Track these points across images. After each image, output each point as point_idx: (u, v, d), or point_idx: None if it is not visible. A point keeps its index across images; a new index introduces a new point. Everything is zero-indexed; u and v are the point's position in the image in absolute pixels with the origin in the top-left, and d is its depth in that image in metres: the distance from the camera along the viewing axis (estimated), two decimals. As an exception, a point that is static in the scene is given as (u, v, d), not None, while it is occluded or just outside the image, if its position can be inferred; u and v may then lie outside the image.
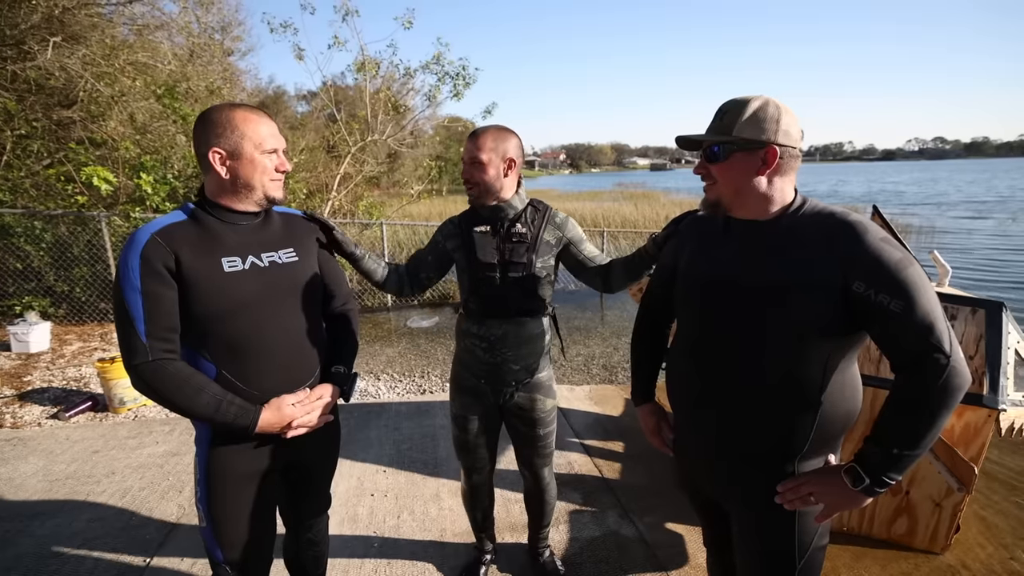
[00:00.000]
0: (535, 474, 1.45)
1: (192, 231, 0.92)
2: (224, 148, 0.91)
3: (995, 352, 1.69)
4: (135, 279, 0.86)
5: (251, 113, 0.94)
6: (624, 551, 1.74)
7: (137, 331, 0.86)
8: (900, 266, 0.72)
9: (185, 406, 0.88)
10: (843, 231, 0.76)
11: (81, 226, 4.73)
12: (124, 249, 0.89)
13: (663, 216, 12.12)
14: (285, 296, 1.00)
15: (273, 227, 1.03)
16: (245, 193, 0.95)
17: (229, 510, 0.98)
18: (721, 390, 0.87)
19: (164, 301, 0.88)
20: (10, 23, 4.80)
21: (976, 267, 8.59)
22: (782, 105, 0.80)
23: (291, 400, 0.97)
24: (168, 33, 6.34)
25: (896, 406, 0.76)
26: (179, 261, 0.89)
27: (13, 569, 1.64)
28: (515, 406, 1.35)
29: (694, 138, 0.85)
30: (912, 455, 0.75)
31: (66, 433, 2.61)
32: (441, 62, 6.67)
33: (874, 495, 0.78)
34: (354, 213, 6.74)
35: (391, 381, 3.71)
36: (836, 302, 0.76)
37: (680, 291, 0.96)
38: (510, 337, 1.27)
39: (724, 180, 0.82)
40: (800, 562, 0.86)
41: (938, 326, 0.72)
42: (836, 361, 0.80)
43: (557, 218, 1.31)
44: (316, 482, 1.16)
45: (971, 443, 1.66)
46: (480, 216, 1.27)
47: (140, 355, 0.86)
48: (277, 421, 0.95)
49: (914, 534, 1.72)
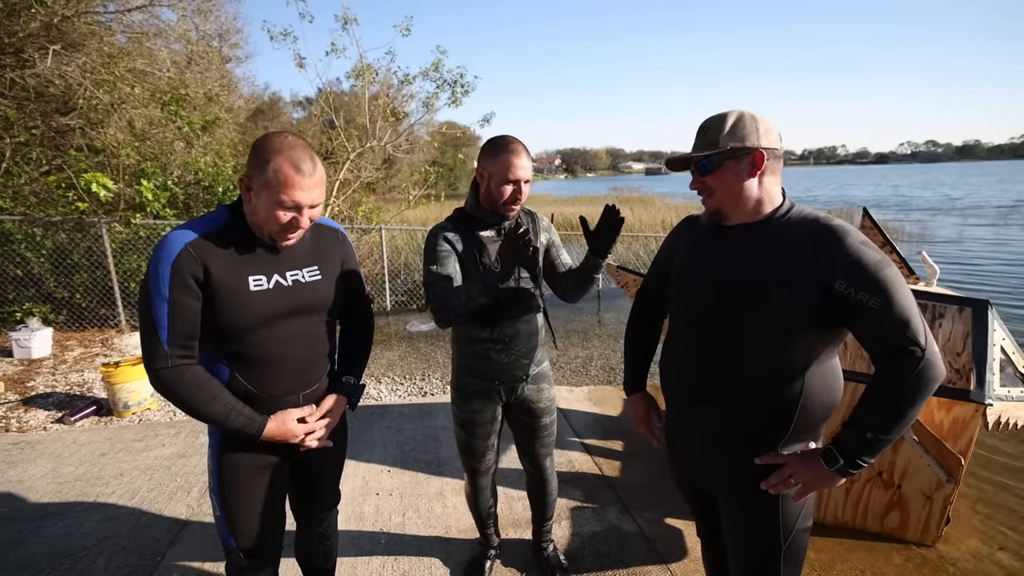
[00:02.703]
0: (538, 466, 1.48)
1: (225, 243, 0.94)
2: (252, 177, 0.92)
3: (982, 349, 1.75)
4: (164, 288, 0.89)
5: (290, 166, 0.89)
6: (625, 545, 1.78)
7: (160, 337, 0.90)
8: (879, 267, 0.78)
9: (199, 410, 0.93)
10: (827, 234, 0.82)
11: (81, 233, 4.74)
12: (157, 253, 0.90)
13: (659, 220, 12.21)
14: (304, 313, 1.03)
15: (301, 243, 1.03)
16: (256, 227, 0.96)
17: (241, 499, 1.02)
18: (709, 382, 0.93)
19: (188, 311, 0.91)
20: (9, 31, 4.83)
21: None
22: (756, 114, 0.88)
23: (296, 415, 1.02)
24: (166, 41, 6.38)
25: (873, 394, 0.82)
26: (208, 274, 0.91)
27: (27, 568, 1.67)
28: (524, 400, 1.39)
29: (685, 157, 0.92)
30: (885, 440, 0.80)
31: (72, 437, 2.62)
32: (440, 70, 6.75)
33: (848, 476, 0.84)
34: (353, 219, 6.79)
35: (392, 384, 3.74)
36: (817, 299, 0.81)
37: (673, 287, 1.02)
38: (521, 335, 1.32)
39: (720, 187, 0.88)
40: (785, 543, 0.91)
41: (913, 322, 0.78)
42: (816, 354, 0.86)
43: (543, 222, 1.40)
44: (326, 478, 1.20)
45: (959, 436, 1.72)
46: (482, 222, 1.28)
47: (161, 360, 0.90)
48: (280, 434, 0.99)
49: (906, 527, 1.77)
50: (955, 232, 12.40)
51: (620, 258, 8.19)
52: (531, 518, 1.65)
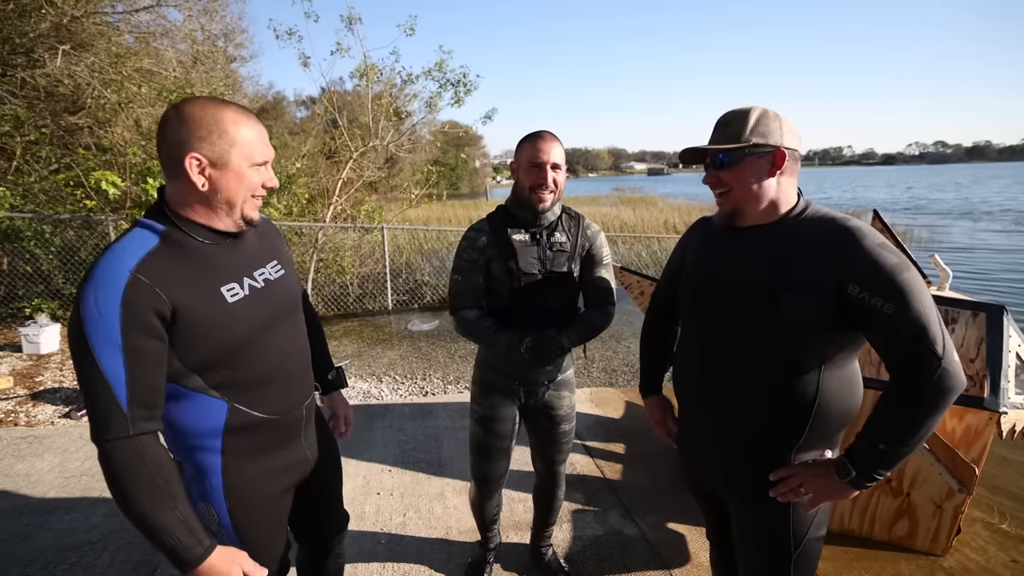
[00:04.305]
0: (552, 471, 1.44)
1: (175, 259, 0.74)
2: (206, 155, 0.74)
3: (996, 355, 1.71)
4: (114, 332, 0.66)
5: (242, 115, 0.77)
6: (627, 550, 1.76)
7: (116, 397, 0.67)
8: (895, 271, 0.75)
9: (144, 508, 0.69)
10: (842, 235, 0.79)
11: (89, 230, 4.79)
12: (90, 291, 0.67)
13: (662, 221, 12.12)
14: (284, 314, 0.90)
15: (249, 239, 0.87)
16: (223, 211, 0.78)
17: (263, 537, 0.91)
18: (721, 386, 0.90)
19: (151, 357, 0.70)
20: (20, 31, 4.89)
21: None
22: (780, 113, 0.85)
23: (248, 565, 0.80)
24: (172, 40, 6.43)
25: (887, 404, 0.79)
26: (175, 305, 0.71)
27: (34, 561, 1.68)
28: (543, 404, 1.34)
29: (703, 149, 0.87)
30: (900, 452, 0.77)
31: (79, 431, 2.64)
32: (443, 69, 6.75)
33: (861, 488, 0.81)
34: (355, 218, 6.80)
35: (393, 383, 3.74)
36: (831, 302, 0.78)
37: (683, 288, 0.99)
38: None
39: (737, 184, 0.85)
40: (796, 551, 0.89)
41: (931, 329, 0.74)
42: (831, 358, 0.83)
43: (590, 230, 1.30)
44: (334, 492, 1.14)
45: (972, 445, 1.68)
46: (516, 221, 1.22)
47: (118, 427, 0.67)
48: (220, 570, 0.75)
49: (915, 536, 1.73)
50: (1005, 240, 10.87)
51: (623, 259, 8.15)
52: (532, 521, 1.63)
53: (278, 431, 0.91)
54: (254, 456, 0.87)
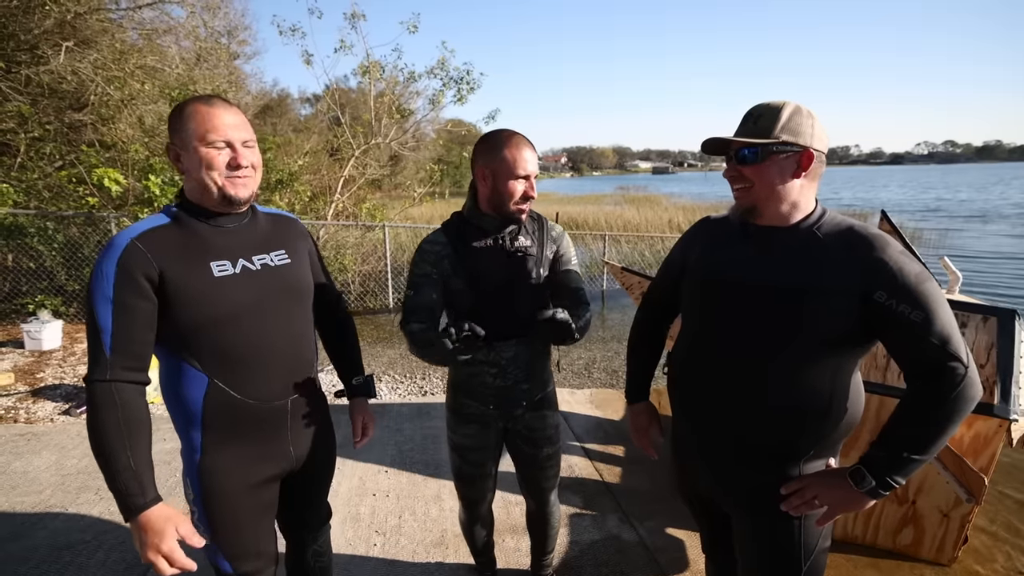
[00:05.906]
0: (540, 500, 1.35)
1: (176, 235, 0.86)
2: (175, 142, 0.85)
3: (1007, 361, 1.66)
4: (108, 288, 0.79)
5: (202, 103, 0.86)
6: (625, 555, 1.73)
7: (102, 343, 0.79)
8: (920, 279, 0.75)
9: (104, 447, 0.77)
10: (865, 242, 0.77)
11: (91, 227, 4.81)
12: (101, 254, 0.82)
13: (666, 220, 12.02)
14: (279, 300, 0.94)
15: (261, 227, 0.96)
16: (201, 190, 0.87)
17: (232, 524, 0.93)
18: (725, 392, 0.87)
19: (137, 314, 0.81)
20: (24, 28, 4.91)
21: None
22: (812, 111, 0.81)
23: (184, 528, 0.82)
24: (176, 37, 6.44)
25: (909, 412, 0.77)
26: (163, 269, 0.82)
27: (29, 560, 1.68)
28: (524, 427, 1.26)
29: (728, 141, 0.82)
30: (919, 460, 0.76)
31: (77, 429, 2.64)
32: (446, 67, 6.72)
33: (877, 497, 0.79)
34: (357, 215, 6.80)
35: (392, 383, 3.73)
36: (853, 309, 0.76)
37: (689, 288, 0.95)
38: (521, 358, 1.17)
39: (761, 182, 0.81)
40: (806, 564, 0.86)
41: (955, 337, 0.75)
42: (844, 366, 0.81)
43: (554, 231, 1.22)
44: (319, 492, 1.14)
45: (981, 453, 1.64)
46: (479, 229, 1.13)
47: (99, 370, 0.79)
48: (153, 531, 0.79)
49: (920, 545, 1.69)
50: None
51: (625, 259, 8.09)
52: (530, 548, 1.51)
53: (258, 419, 0.93)
54: (230, 441, 0.92)
